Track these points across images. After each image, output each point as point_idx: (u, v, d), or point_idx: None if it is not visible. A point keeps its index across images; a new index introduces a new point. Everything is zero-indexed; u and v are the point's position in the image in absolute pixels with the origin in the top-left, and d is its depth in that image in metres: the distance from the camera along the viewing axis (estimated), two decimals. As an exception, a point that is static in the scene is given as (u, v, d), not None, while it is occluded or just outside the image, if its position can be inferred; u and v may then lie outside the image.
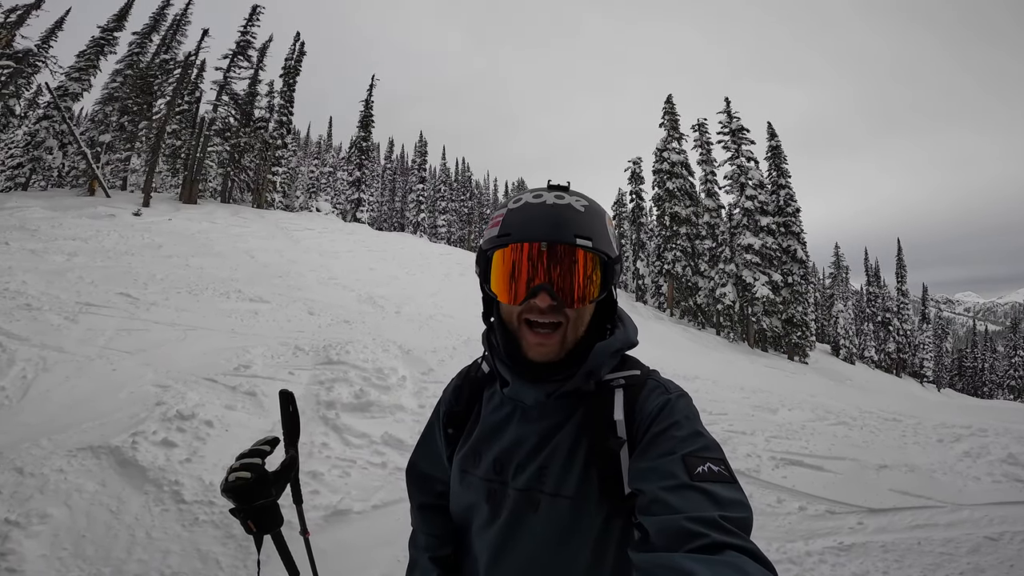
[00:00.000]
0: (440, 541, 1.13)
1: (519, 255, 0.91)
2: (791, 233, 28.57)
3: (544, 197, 0.93)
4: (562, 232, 0.89)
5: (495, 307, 1.01)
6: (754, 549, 0.66)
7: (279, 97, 28.74)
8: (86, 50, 24.65)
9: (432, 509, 1.19)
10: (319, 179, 46.26)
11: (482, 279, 0.97)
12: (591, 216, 0.93)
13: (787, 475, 4.78)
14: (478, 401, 1.09)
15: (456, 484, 1.06)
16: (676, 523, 0.70)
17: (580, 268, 0.91)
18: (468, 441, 1.05)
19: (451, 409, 1.12)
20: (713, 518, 0.68)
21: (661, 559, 0.67)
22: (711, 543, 0.66)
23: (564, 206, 0.91)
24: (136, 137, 25.75)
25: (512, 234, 0.90)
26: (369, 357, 6.76)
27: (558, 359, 0.94)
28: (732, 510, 0.71)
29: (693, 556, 0.64)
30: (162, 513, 3.30)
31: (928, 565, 3.36)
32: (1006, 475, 4.87)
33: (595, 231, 0.91)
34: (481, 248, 0.96)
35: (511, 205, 0.95)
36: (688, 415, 0.88)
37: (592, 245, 0.89)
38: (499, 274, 0.93)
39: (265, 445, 1.07)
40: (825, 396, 10.02)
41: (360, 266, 15.88)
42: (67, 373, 5.24)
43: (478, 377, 1.12)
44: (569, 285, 0.90)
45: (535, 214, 0.91)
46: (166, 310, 8.11)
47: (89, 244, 12.02)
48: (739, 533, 0.68)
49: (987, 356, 58.80)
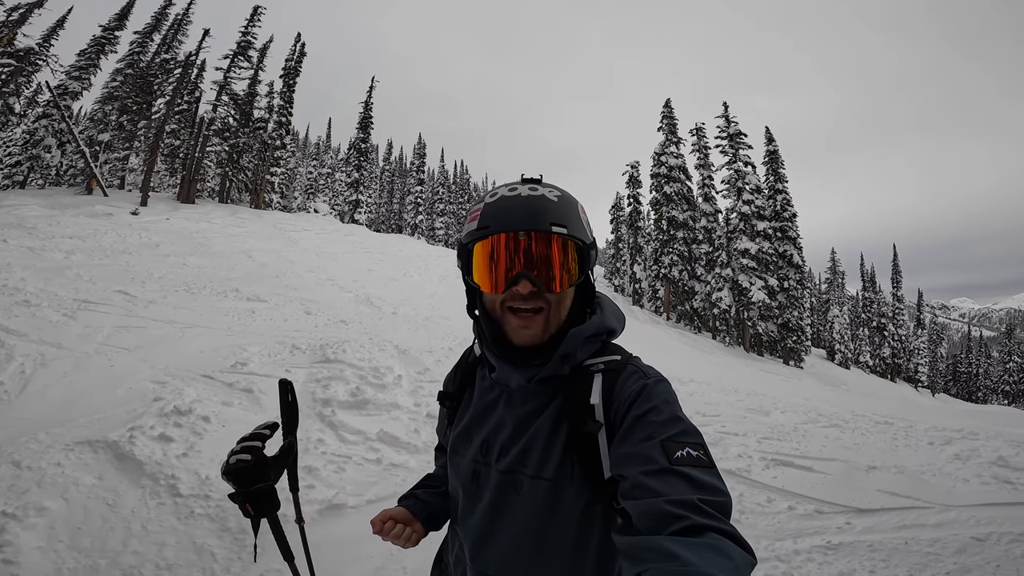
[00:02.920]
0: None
1: (498, 245, 0.95)
2: (787, 238, 28.64)
3: (519, 190, 0.98)
4: (538, 221, 0.93)
5: (479, 298, 1.05)
6: (733, 532, 0.69)
7: (279, 97, 28.74)
8: (87, 49, 24.62)
9: (442, 448, 1.30)
10: (317, 180, 46.25)
11: (464, 271, 1.01)
12: (564, 205, 0.97)
13: (777, 475, 4.82)
14: (471, 384, 1.14)
15: (448, 464, 1.12)
16: (657, 506, 0.72)
17: (557, 254, 0.95)
18: (462, 422, 1.10)
19: (445, 389, 1.18)
20: (692, 501, 0.71)
21: (644, 542, 0.69)
22: (692, 525, 0.68)
23: (538, 197, 0.96)
24: (135, 136, 25.74)
25: (491, 226, 0.95)
26: (365, 356, 6.79)
27: (542, 342, 0.97)
28: (711, 494, 0.74)
29: (675, 539, 0.67)
30: (158, 506, 3.33)
31: (915, 565, 3.39)
32: (995, 477, 4.91)
33: (569, 219, 0.96)
34: (461, 242, 1.01)
35: (487, 199, 0.99)
36: (667, 400, 0.91)
37: (567, 232, 0.94)
38: (480, 265, 0.97)
39: (265, 429, 1.11)
40: (819, 400, 10.08)
41: (358, 267, 15.91)
42: (65, 369, 5.27)
43: (471, 361, 1.17)
44: (548, 271, 0.94)
45: (511, 206, 0.95)
46: (164, 308, 8.13)
47: (87, 242, 12.04)
48: (719, 516, 0.71)
49: (982, 361, 58.93)
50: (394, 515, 1.13)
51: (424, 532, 1.17)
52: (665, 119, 31.39)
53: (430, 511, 1.17)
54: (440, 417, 1.26)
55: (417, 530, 1.14)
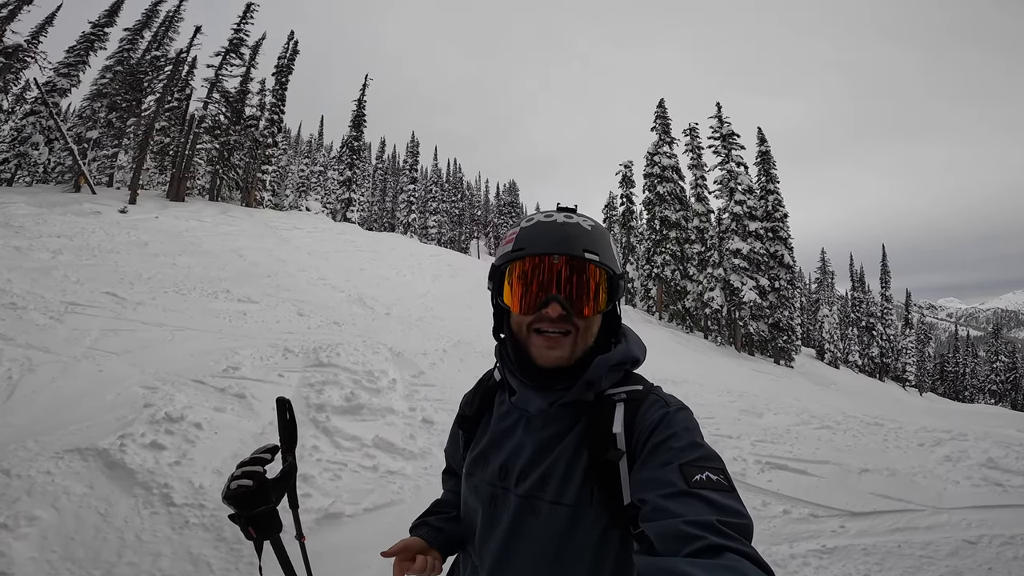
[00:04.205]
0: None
1: (532, 268, 0.98)
2: (779, 238, 28.87)
3: (554, 217, 1.01)
4: (572, 246, 0.96)
5: (505, 321, 1.06)
6: (753, 553, 0.68)
7: (271, 95, 28.51)
8: (76, 46, 24.31)
9: (451, 473, 1.32)
10: (309, 178, 45.99)
11: (494, 293, 1.04)
12: (597, 234, 1.00)
13: (772, 479, 4.85)
14: (489, 408, 1.15)
15: (464, 486, 1.12)
16: (674, 527, 0.72)
17: (588, 280, 0.97)
18: (479, 445, 1.11)
19: (463, 413, 1.19)
20: (711, 522, 0.71)
21: (661, 563, 0.69)
22: (709, 545, 0.68)
23: (573, 224, 0.99)
24: (124, 134, 25.45)
25: (525, 248, 0.98)
26: (359, 359, 6.75)
27: (568, 364, 0.98)
28: (730, 515, 0.73)
29: (692, 560, 0.66)
30: (152, 516, 3.29)
31: (908, 568, 3.41)
32: (985, 479, 4.95)
33: (601, 248, 0.99)
34: (494, 265, 1.03)
35: (524, 224, 1.02)
36: (687, 427, 0.92)
37: (599, 259, 0.97)
38: (513, 286, 0.99)
39: (266, 453, 1.10)
40: (810, 400, 10.17)
41: (350, 266, 15.81)
42: (53, 374, 5.19)
43: (490, 385, 1.18)
44: (578, 296, 0.96)
45: (547, 231, 0.99)
46: (153, 310, 8.04)
47: (74, 242, 11.86)
48: (738, 537, 0.70)
49: (968, 361, 59.72)
50: (410, 545, 1.12)
51: (443, 560, 1.16)
52: (659, 119, 31.49)
53: (444, 537, 1.16)
54: (453, 440, 1.26)
55: (436, 557, 1.13)
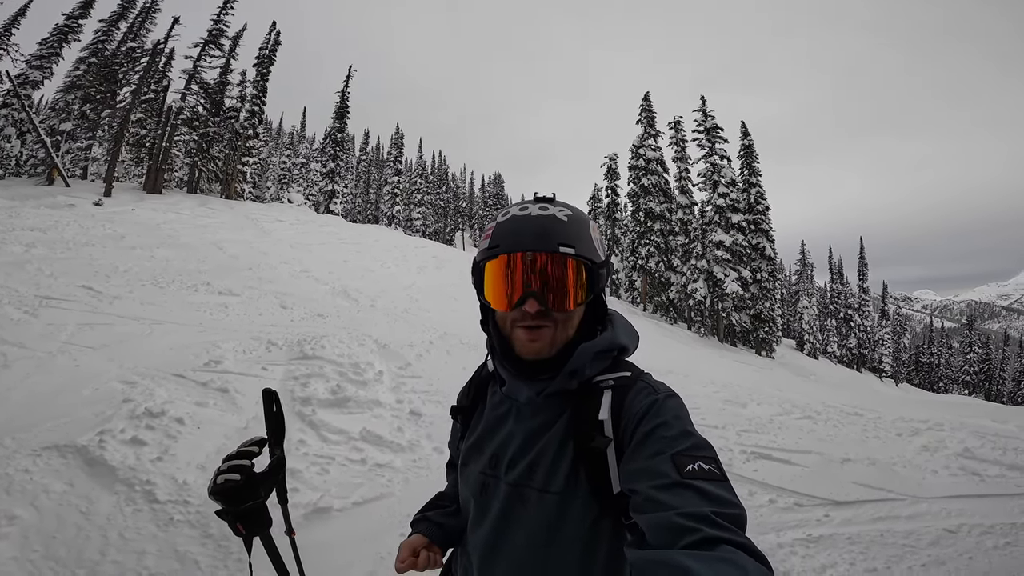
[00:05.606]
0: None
1: (507, 265, 0.96)
2: (761, 231, 29.23)
3: (529, 209, 0.99)
4: (546, 241, 0.95)
5: (491, 315, 1.06)
6: (748, 544, 0.67)
7: (252, 87, 27.98)
8: (49, 38, 23.56)
9: (453, 465, 1.29)
10: (291, 170, 45.32)
11: (478, 289, 1.03)
12: (575, 224, 0.98)
13: (758, 468, 4.91)
14: (483, 398, 1.15)
15: (459, 477, 1.13)
16: (669, 519, 0.71)
17: (565, 274, 0.96)
18: (474, 435, 1.11)
19: (459, 403, 1.20)
20: (705, 514, 0.70)
21: (656, 555, 0.68)
22: (705, 538, 0.67)
23: (548, 217, 0.97)
24: (98, 126, 24.80)
25: (500, 245, 0.96)
26: (345, 352, 6.68)
27: (549, 356, 0.98)
28: (724, 506, 0.73)
29: (688, 552, 0.66)
30: (135, 513, 3.21)
31: (892, 556, 3.48)
32: (962, 468, 5.07)
33: (579, 238, 0.97)
34: (475, 260, 1.02)
35: (500, 219, 1.01)
36: (677, 415, 0.91)
37: (576, 252, 0.95)
38: (491, 284, 0.99)
39: (253, 446, 1.07)
40: (791, 390, 10.32)
41: (333, 258, 15.62)
42: (28, 370, 5.03)
43: (484, 376, 1.18)
44: (554, 291, 0.95)
45: (521, 226, 0.97)
46: (131, 303, 7.85)
47: (48, 235, 11.52)
48: (733, 528, 0.70)
49: (943, 352, 61.15)
50: (413, 544, 1.12)
51: (443, 554, 1.16)
52: (644, 112, 31.60)
53: (444, 532, 1.16)
54: (453, 432, 1.27)
55: (436, 552, 1.13)
